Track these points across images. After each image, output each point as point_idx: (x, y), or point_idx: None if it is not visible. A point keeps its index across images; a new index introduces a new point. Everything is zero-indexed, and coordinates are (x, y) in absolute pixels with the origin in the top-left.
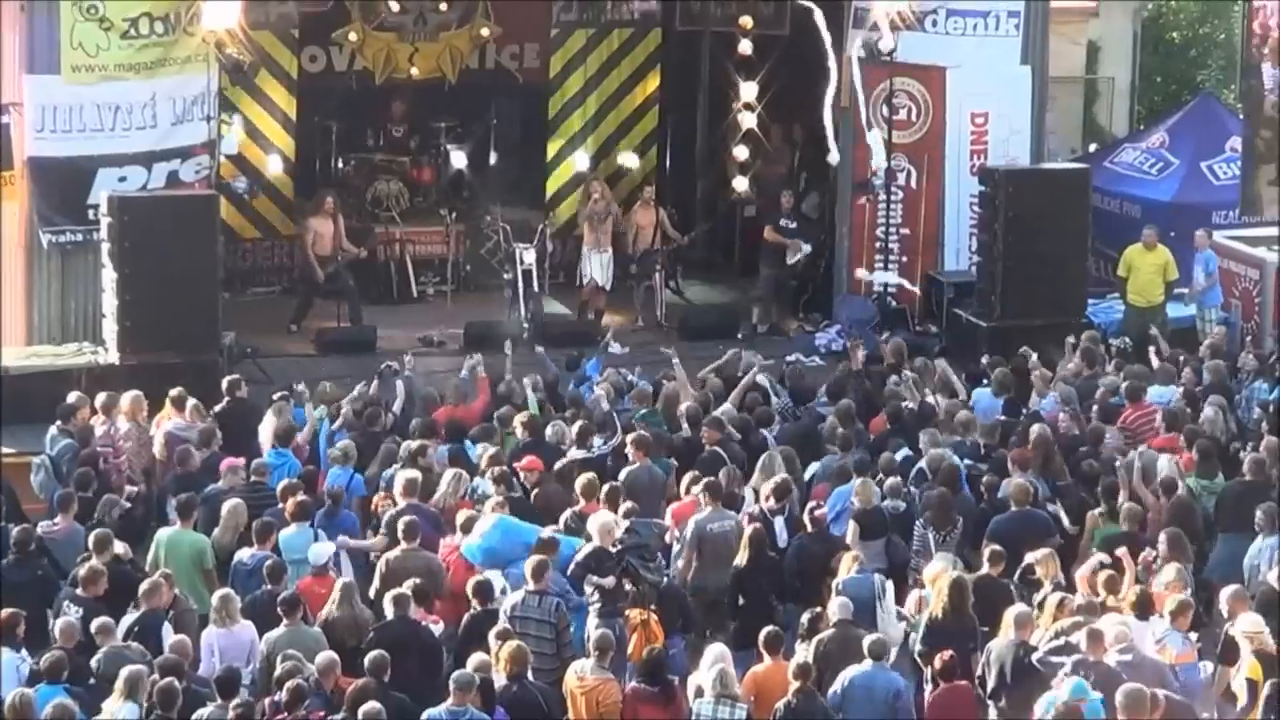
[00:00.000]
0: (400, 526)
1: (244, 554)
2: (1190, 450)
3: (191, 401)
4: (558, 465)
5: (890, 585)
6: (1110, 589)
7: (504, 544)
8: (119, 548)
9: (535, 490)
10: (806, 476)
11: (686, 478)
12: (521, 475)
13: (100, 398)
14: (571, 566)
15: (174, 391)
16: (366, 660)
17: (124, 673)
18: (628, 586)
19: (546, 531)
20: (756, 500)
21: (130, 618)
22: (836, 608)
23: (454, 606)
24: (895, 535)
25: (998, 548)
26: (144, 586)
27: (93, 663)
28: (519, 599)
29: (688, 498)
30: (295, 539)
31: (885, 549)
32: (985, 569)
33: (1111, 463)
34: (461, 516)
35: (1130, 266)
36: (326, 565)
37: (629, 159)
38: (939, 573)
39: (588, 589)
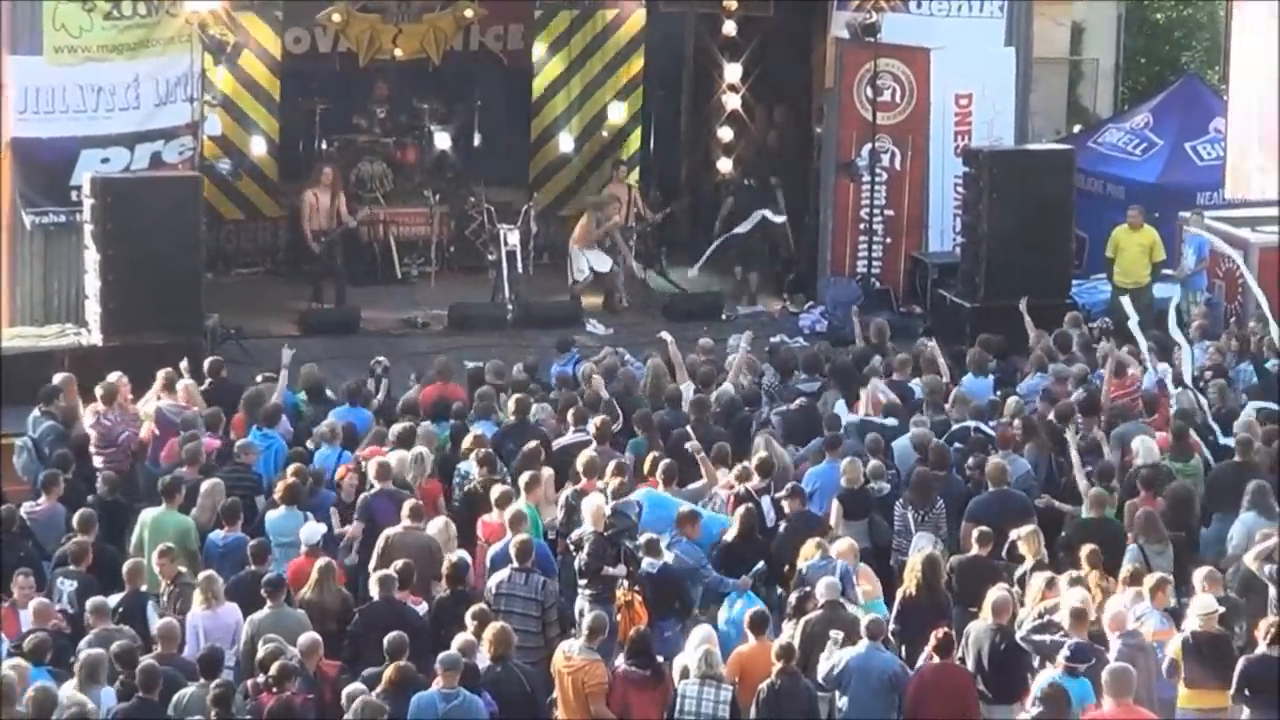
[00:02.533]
0: (407, 507)
1: (215, 535)
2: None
3: (184, 382)
4: (556, 446)
5: (851, 574)
6: (1093, 564)
7: (653, 518)
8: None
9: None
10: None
11: (650, 457)
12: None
13: (103, 387)
14: (585, 559)
15: (167, 371)
16: (386, 642)
17: (82, 657)
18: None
19: (686, 506)
20: (742, 480)
21: (114, 599)
22: (824, 588)
23: None
24: (878, 515)
25: (986, 529)
26: (127, 567)
27: (82, 644)
28: (505, 576)
29: (650, 479)
30: (283, 521)
31: (868, 529)
32: (974, 550)
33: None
34: (496, 492)
35: (1117, 247)
36: (318, 545)
37: (613, 132)
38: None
39: (582, 579)
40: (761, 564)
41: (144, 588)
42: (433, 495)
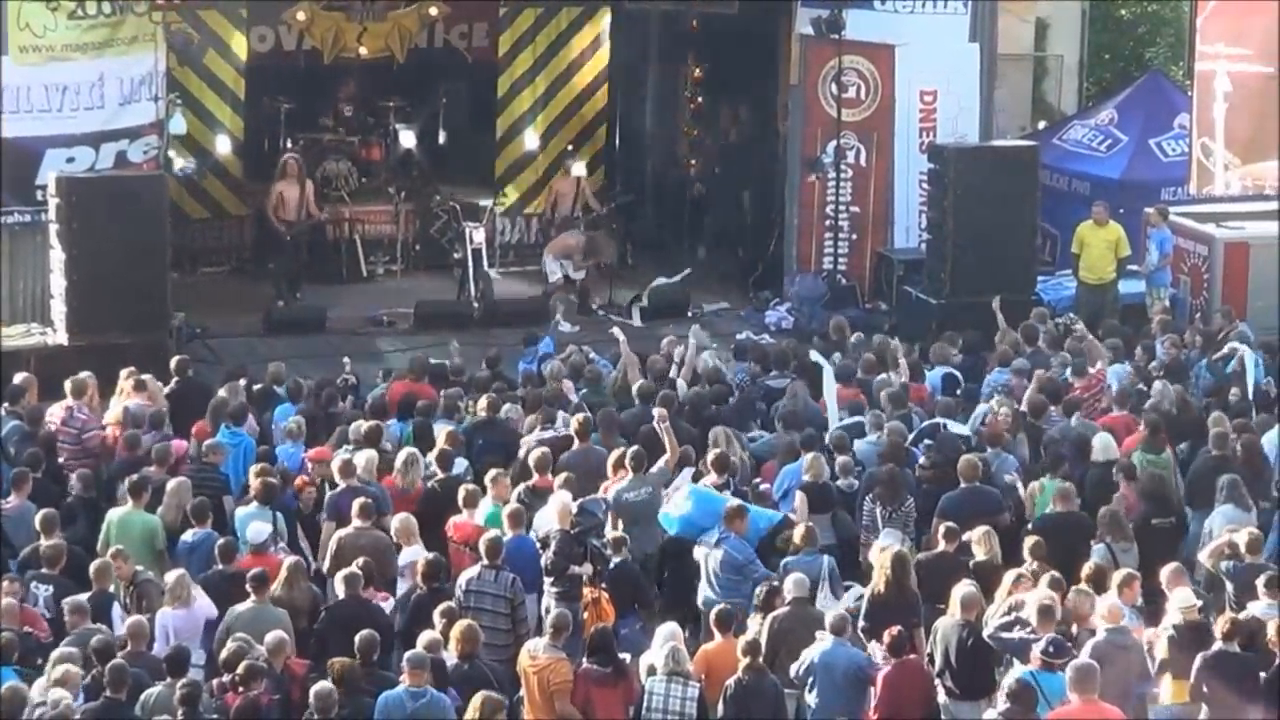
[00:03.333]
0: (356, 505)
1: (186, 535)
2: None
3: (146, 377)
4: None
5: (836, 569)
6: (1035, 556)
7: (699, 513)
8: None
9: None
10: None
11: (613, 455)
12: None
13: (73, 382)
14: (551, 558)
15: (132, 372)
16: (357, 640)
17: (54, 654)
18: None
19: (734, 501)
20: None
21: (82, 598)
22: (792, 585)
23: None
24: (841, 510)
25: (952, 525)
26: (94, 567)
27: (63, 643)
28: (475, 574)
29: (618, 475)
30: (253, 518)
31: (832, 523)
32: (941, 546)
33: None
34: (462, 493)
35: (1082, 243)
36: (266, 543)
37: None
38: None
39: (548, 578)
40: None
41: (111, 587)
42: (417, 497)
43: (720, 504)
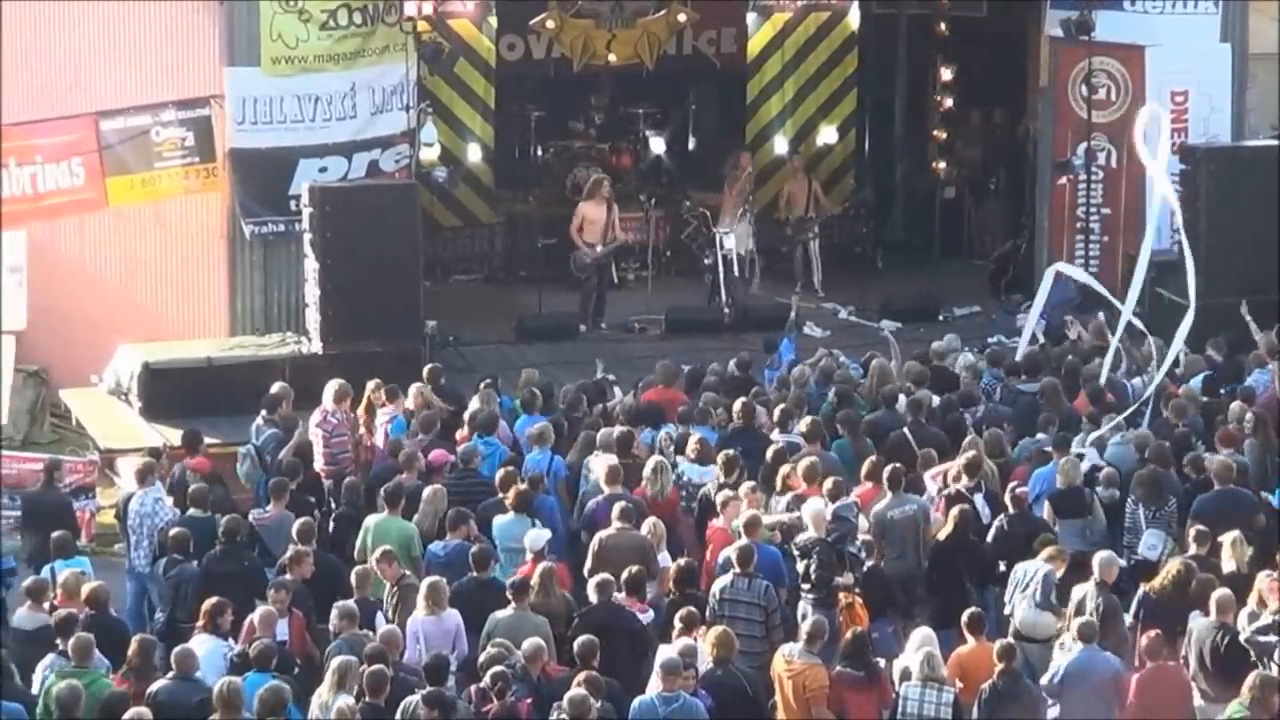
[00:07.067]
0: (616, 509)
1: (436, 545)
2: None
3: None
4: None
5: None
6: None
7: None
8: None
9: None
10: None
11: (866, 464)
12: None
13: (337, 386)
14: (815, 570)
15: (379, 384)
16: (575, 645)
17: (334, 663)
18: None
19: None
20: (951, 480)
21: (351, 603)
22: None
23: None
24: (1093, 516)
25: (1203, 528)
26: (355, 574)
27: (330, 649)
28: (728, 581)
29: (867, 484)
30: (512, 527)
31: (1083, 530)
32: (1192, 549)
33: None
34: (720, 499)
35: None
36: (543, 550)
37: (828, 134)
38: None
39: (805, 584)
40: None
41: (372, 596)
42: (673, 503)
43: None
